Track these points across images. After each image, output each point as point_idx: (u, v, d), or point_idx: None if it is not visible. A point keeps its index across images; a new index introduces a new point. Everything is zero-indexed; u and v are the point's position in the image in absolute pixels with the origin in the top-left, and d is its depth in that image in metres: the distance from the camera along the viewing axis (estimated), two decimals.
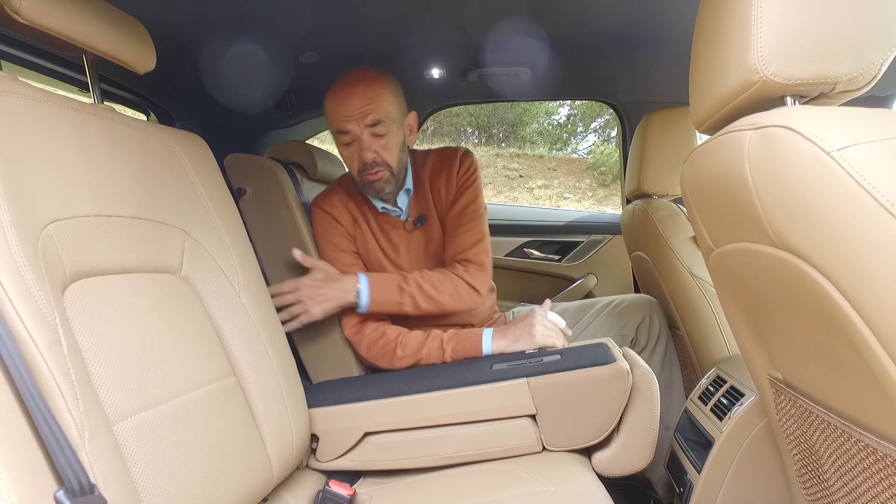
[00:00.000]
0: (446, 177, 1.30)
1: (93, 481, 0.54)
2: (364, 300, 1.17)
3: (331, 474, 1.02)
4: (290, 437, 0.92)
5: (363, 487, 0.99)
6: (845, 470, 0.65)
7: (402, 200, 1.30)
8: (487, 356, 1.16)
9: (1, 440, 0.48)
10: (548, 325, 1.16)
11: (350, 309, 1.20)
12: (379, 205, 1.29)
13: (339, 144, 1.22)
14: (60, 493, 0.50)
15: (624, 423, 0.97)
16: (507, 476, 0.92)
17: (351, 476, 1.02)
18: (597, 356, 0.99)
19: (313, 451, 1.06)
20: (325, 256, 1.25)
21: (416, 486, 0.96)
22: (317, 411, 1.04)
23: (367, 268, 1.28)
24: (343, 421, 1.04)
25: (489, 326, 1.39)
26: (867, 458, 0.59)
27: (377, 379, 1.14)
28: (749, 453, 0.95)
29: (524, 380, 0.98)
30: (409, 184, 1.29)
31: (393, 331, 1.21)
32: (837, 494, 0.68)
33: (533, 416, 1.00)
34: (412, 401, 1.02)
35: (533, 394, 0.98)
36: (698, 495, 0.98)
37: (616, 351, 1.05)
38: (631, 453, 0.96)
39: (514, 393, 0.98)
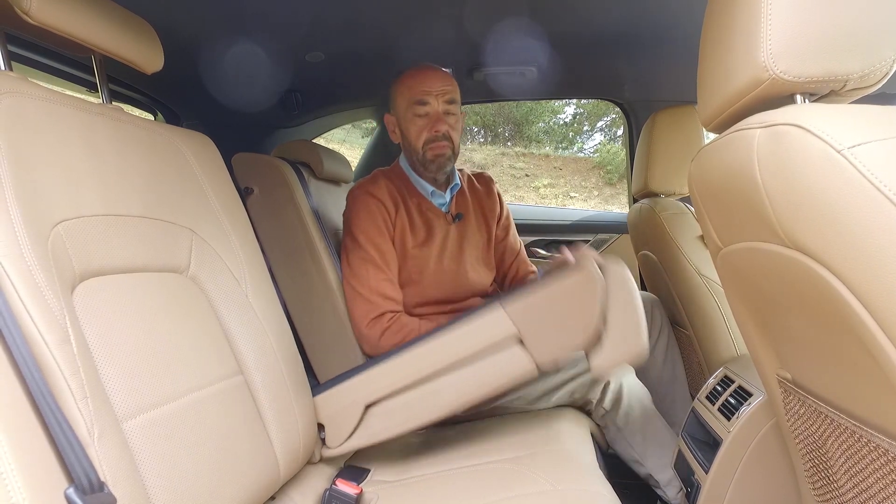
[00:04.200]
0: (487, 194, 1.47)
1: (102, 479, 0.54)
2: None
3: (338, 473, 1.02)
4: (297, 436, 0.93)
5: (370, 486, 0.99)
6: (855, 471, 0.64)
7: (448, 195, 1.39)
8: None
9: (12, 438, 0.48)
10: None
11: (365, 303, 1.23)
12: (429, 188, 1.35)
13: (409, 118, 1.30)
14: (70, 491, 0.51)
15: (609, 320, 0.97)
16: (514, 475, 0.92)
17: (358, 474, 1.02)
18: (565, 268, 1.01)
19: (323, 441, 1.06)
20: (366, 239, 1.27)
21: (423, 485, 0.96)
22: (318, 399, 1.04)
23: (401, 253, 1.32)
24: (342, 400, 1.04)
25: None
26: (878, 458, 0.59)
27: (369, 361, 1.15)
28: (757, 453, 0.95)
29: (500, 308, 0.98)
30: (457, 180, 1.39)
31: (412, 322, 1.25)
32: (847, 495, 0.68)
33: (520, 342, 1.00)
34: (402, 360, 1.02)
35: (512, 318, 0.98)
36: (706, 496, 0.98)
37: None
38: (624, 342, 0.96)
39: (494, 323, 0.99)
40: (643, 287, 2.01)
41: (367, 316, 1.24)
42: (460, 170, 1.47)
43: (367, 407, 1.03)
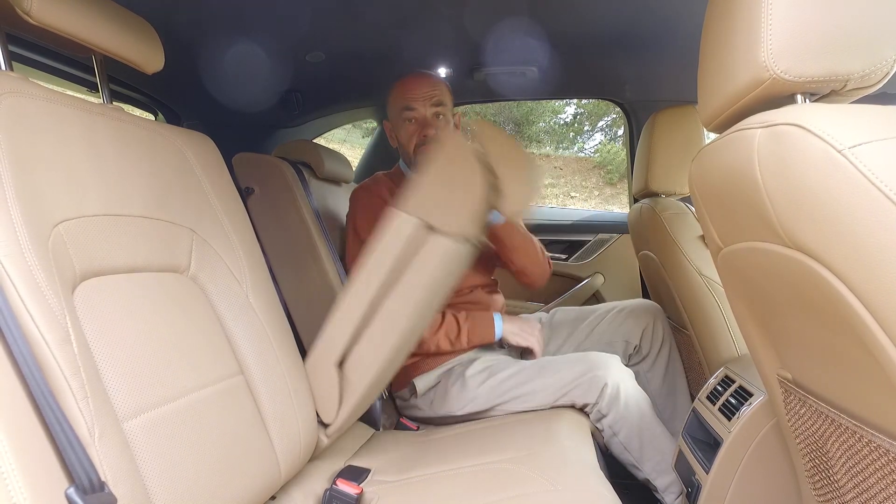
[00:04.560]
0: None
1: (103, 479, 0.54)
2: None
3: (339, 473, 1.02)
4: (298, 436, 0.93)
5: (370, 486, 0.99)
6: (856, 471, 0.64)
7: None
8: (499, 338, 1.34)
9: (13, 438, 0.48)
10: (541, 338, 1.38)
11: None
12: None
13: (400, 123, 1.38)
14: (71, 491, 0.51)
15: (499, 171, 1.00)
16: (515, 475, 0.92)
17: (358, 474, 1.02)
18: None
19: (321, 423, 1.05)
20: (368, 236, 1.27)
21: (424, 485, 0.96)
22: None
23: None
24: (316, 375, 1.04)
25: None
26: (879, 458, 0.59)
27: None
28: (758, 453, 0.95)
29: (396, 211, 1.01)
30: None
31: None
32: (848, 495, 0.68)
33: (430, 228, 1.01)
34: (342, 307, 1.03)
35: (411, 213, 1.01)
36: (706, 496, 0.98)
37: None
38: (521, 182, 1.03)
39: (399, 227, 1.01)
40: (644, 287, 2.01)
41: None
42: None
43: (339, 366, 1.04)
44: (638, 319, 1.46)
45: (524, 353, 1.50)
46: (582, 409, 1.24)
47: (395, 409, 1.45)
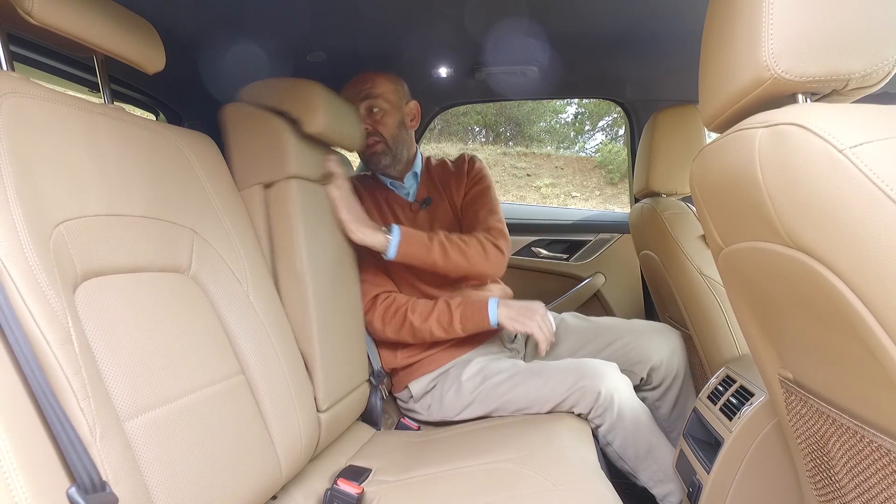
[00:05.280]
0: (457, 175, 1.46)
1: (104, 478, 0.54)
2: (395, 240, 1.23)
3: (339, 473, 1.02)
4: (299, 435, 0.93)
5: (371, 486, 0.99)
6: (858, 471, 0.64)
7: (410, 182, 1.44)
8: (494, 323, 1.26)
9: (15, 438, 0.48)
10: (545, 323, 1.26)
11: (365, 284, 1.30)
12: (387, 181, 1.41)
13: None
14: (73, 490, 0.51)
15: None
16: (516, 475, 0.92)
17: (359, 474, 1.02)
18: None
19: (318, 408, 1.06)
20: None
21: (424, 485, 0.96)
22: None
23: None
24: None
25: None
26: (880, 458, 0.59)
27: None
28: (759, 453, 0.94)
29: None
30: (418, 168, 1.44)
31: (403, 297, 1.31)
32: (850, 496, 0.68)
33: None
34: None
35: None
36: (707, 496, 0.98)
37: None
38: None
39: None
40: (645, 287, 2.01)
41: (363, 300, 1.31)
42: (441, 159, 1.53)
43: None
44: (655, 348, 1.33)
45: (528, 341, 1.48)
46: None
47: (397, 409, 1.45)
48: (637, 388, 1.30)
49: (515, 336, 1.48)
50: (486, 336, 1.39)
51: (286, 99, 1.10)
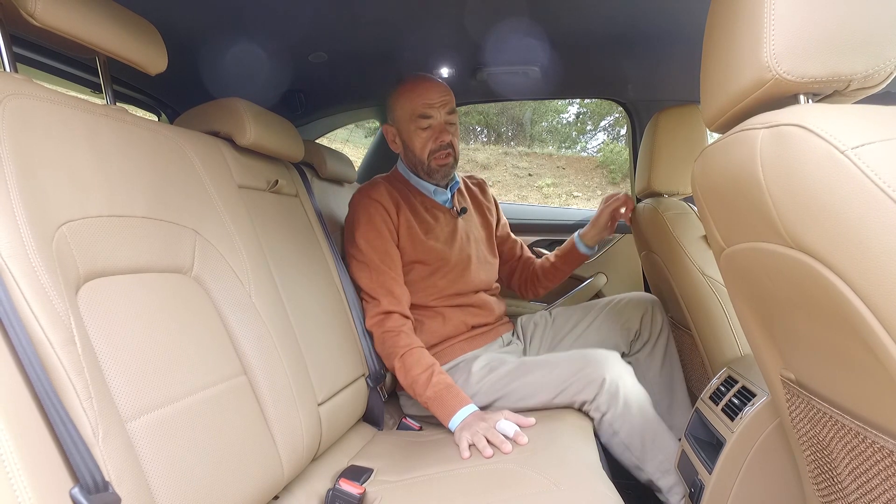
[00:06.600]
0: (480, 193, 1.60)
1: (107, 478, 0.54)
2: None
3: (341, 473, 1.03)
4: (301, 436, 0.93)
5: (373, 486, 0.99)
6: (860, 472, 0.64)
7: (448, 192, 1.48)
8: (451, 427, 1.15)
9: (18, 438, 0.48)
10: (494, 438, 1.06)
11: (374, 302, 1.30)
12: (431, 188, 1.43)
13: (413, 130, 1.37)
14: (76, 490, 0.51)
15: None
16: (517, 475, 0.92)
17: (361, 474, 1.02)
18: None
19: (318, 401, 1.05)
20: (366, 243, 1.33)
21: (426, 484, 0.96)
22: None
23: (410, 248, 1.37)
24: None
25: (500, 329, 1.45)
26: (882, 459, 0.59)
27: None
28: (761, 454, 0.94)
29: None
30: (457, 178, 1.51)
31: (406, 336, 1.27)
32: (852, 496, 0.68)
33: None
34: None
35: None
36: (709, 496, 0.98)
37: None
38: None
39: None
40: (647, 287, 2.00)
41: (369, 314, 1.31)
42: None
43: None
44: (636, 307, 1.48)
45: (530, 340, 1.54)
46: (581, 409, 1.22)
47: (398, 409, 1.45)
48: (630, 350, 1.47)
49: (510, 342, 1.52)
50: (490, 338, 1.45)
51: (215, 119, 1.11)
